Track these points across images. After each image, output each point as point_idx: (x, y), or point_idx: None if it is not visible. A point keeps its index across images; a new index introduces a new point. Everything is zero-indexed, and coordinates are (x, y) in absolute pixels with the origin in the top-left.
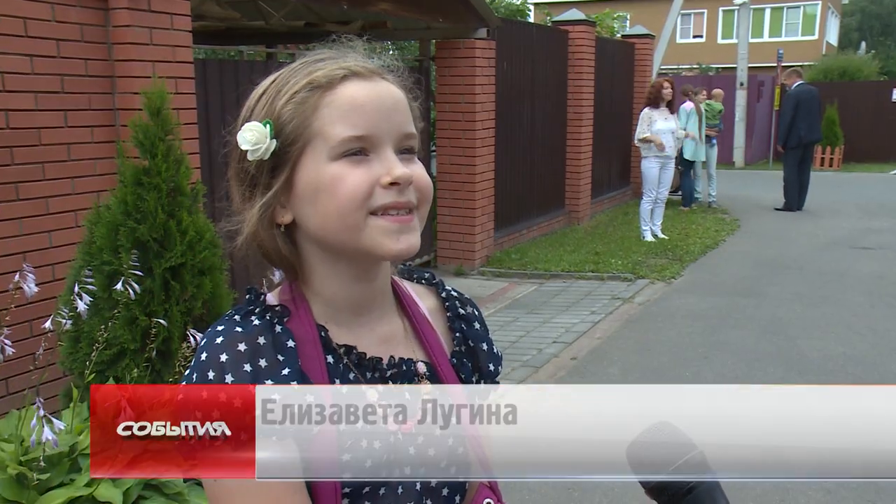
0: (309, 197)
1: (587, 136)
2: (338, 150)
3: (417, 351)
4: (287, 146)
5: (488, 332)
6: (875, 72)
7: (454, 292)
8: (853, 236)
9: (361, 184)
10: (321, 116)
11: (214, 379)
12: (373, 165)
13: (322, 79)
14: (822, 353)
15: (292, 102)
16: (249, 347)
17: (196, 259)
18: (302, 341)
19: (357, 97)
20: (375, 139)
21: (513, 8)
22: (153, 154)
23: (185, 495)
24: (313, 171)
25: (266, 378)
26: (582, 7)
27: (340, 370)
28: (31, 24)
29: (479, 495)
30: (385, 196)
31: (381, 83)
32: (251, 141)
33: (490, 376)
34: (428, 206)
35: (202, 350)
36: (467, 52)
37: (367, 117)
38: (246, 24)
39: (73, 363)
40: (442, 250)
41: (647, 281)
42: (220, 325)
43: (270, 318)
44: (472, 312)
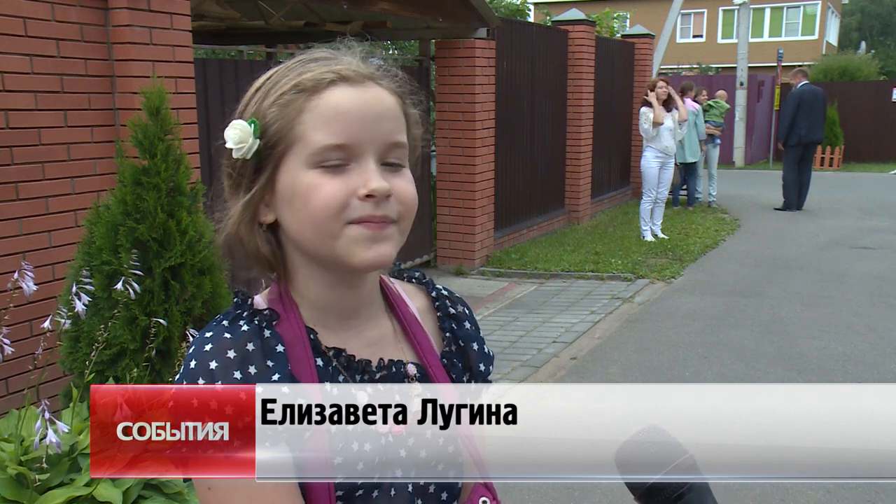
0: (287, 201)
1: (587, 136)
2: (316, 158)
3: (407, 352)
4: (269, 148)
5: (479, 331)
6: (875, 72)
7: (444, 291)
8: (853, 236)
9: (335, 195)
10: (304, 121)
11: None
12: (351, 176)
13: (309, 82)
14: (821, 352)
15: (277, 104)
16: (239, 354)
17: (196, 259)
18: (291, 344)
19: (341, 104)
20: (356, 148)
21: (513, 8)
22: (152, 154)
23: (185, 495)
24: (292, 176)
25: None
26: (582, 7)
27: (330, 373)
28: (30, 23)
29: (474, 494)
30: (361, 208)
31: (370, 90)
32: (235, 139)
33: (481, 376)
34: (410, 220)
35: (191, 357)
36: (467, 52)
37: (349, 125)
38: (246, 23)
39: (73, 363)
40: (442, 250)
41: (646, 281)
42: (209, 331)
43: (259, 322)
44: (462, 311)
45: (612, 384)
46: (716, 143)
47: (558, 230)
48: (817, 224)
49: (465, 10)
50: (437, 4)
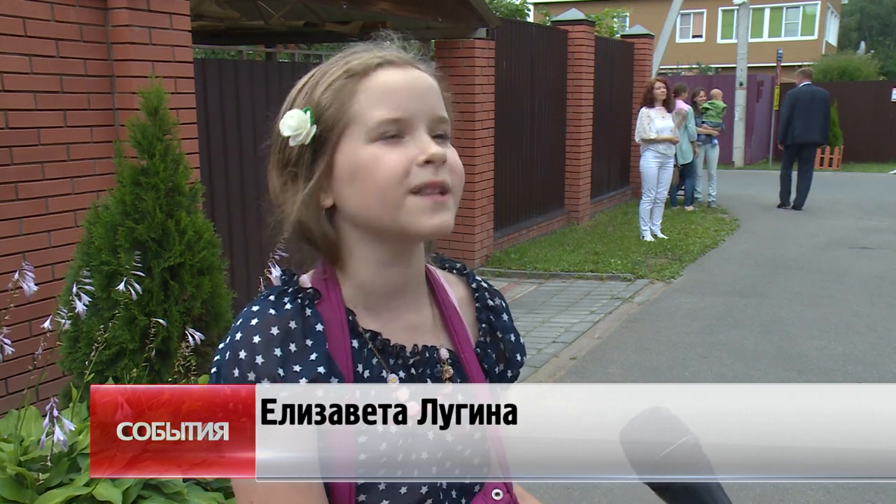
0: (348, 178)
1: (587, 136)
2: (375, 133)
3: (443, 339)
4: (327, 131)
5: (513, 322)
6: (874, 72)
7: (484, 283)
8: (853, 236)
9: (398, 163)
10: (358, 101)
11: (245, 359)
12: (408, 146)
13: (358, 67)
14: (821, 352)
15: (330, 90)
16: (281, 331)
17: (195, 259)
18: (330, 323)
19: (391, 82)
20: (410, 121)
21: (512, 8)
22: (151, 154)
23: (185, 495)
24: (352, 153)
25: (294, 363)
26: (581, 7)
27: (364, 355)
28: (30, 23)
29: (488, 485)
30: (421, 175)
31: (414, 70)
32: (292, 127)
33: (516, 366)
34: (461, 189)
35: (237, 330)
36: (467, 52)
37: (401, 100)
38: (245, 23)
39: (73, 363)
40: (441, 250)
41: (646, 281)
42: (256, 305)
43: (302, 300)
44: (500, 304)
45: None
46: (714, 143)
47: (558, 230)
48: (817, 224)
49: (465, 11)
50: (436, 4)
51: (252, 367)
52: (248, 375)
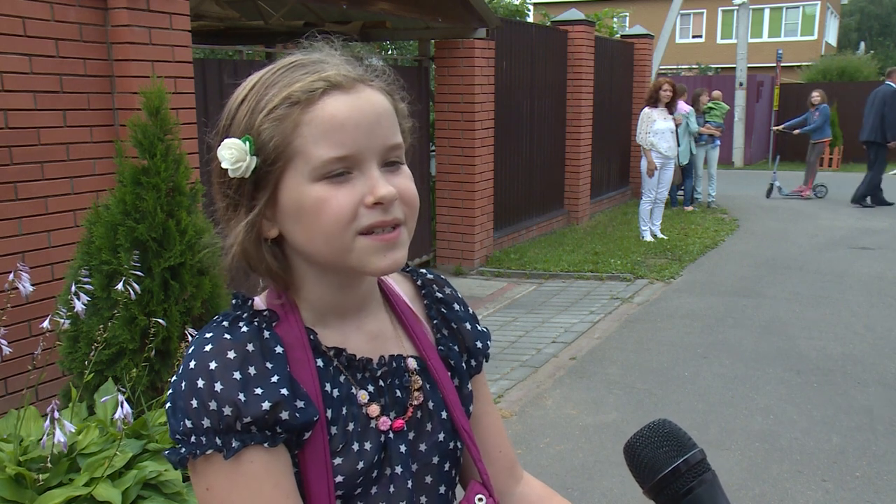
0: (293, 216)
1: (586, 136)
2: (319, 172)
3: (406, 345)
4: (269, 164)
5: (469, 309)
6: (874, 72)
7: (429, 275)
8: (853, 236)
9: (345, 207)
10: (301, 135)
11: (204, 388)
12: (356, 185)
13: (301, 93)
14: (821, 352)
15: (270, 119)
16: (239, 355)
17: (195, 259)
18: (291, 346)
19: (338, 115)
20: (358, 157)
21: (512, 8)
22: (152, 154)
23: (185, 495)
24: (296, 191)
25: (255, 386)
26: (581, 7)
27: (331, 373)
28: (30, 23)
29: (470, 492)
30: (370, 216)
31: (362, 93)
32: (231, 159)
33: (479, 353)
34: (415, 218)
35: (190, 358)
36: (467, 52)
37: (349, 136)
38: (245, 23)
39: (72, 363)
40: (441, 250)
41: (646, 281)
42: (208, 331)
43: (258, 323)
44: (450, 294)
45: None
46: (715, 143)
47: (558, 230)
48: (816, 224)
49: (465, 11)
50: (436, 5)
51: (212, 395)
52: (210, 404)
